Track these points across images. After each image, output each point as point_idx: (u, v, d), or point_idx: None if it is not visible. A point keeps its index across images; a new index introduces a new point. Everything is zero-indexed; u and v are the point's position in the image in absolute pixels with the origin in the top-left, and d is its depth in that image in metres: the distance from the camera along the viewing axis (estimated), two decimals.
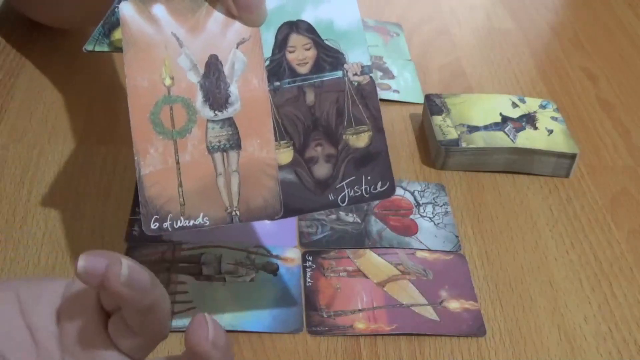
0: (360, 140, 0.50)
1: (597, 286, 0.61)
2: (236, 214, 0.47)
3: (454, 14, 0.98)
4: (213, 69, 0.48)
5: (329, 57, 0.50)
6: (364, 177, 0.49)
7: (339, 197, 0.49)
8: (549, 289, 0.60)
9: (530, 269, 0.61)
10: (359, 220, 0.64)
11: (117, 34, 0.48)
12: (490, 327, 0.56)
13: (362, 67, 0.50)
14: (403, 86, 0.81)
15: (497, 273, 0.61)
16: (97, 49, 0.49)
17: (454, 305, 0.57)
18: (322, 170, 0.49)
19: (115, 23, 0.48)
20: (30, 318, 0.38)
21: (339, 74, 0.50)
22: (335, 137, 0.49)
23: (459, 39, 0.93)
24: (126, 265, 0.35)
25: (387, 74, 0.83)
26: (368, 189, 0.49)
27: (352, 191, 0.49)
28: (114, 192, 0.63)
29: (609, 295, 0.60)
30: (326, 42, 0.50)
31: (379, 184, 0.49)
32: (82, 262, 0.36)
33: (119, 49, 0.47)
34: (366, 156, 0.49)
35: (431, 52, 0.89)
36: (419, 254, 0.61)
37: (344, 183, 0.49)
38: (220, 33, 0.48)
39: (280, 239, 0.61)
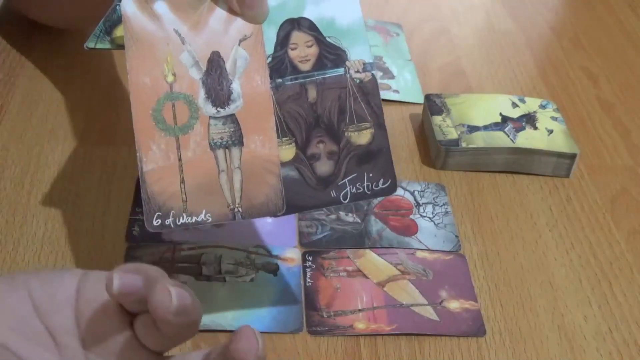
0: (362, 137, 0.50)
1: (597, 286, 0.61)
2: (239, 210, 0.47)
3: (454, 14, 0.98)
4: (215, 66, 0.48)
5: (330, 55, 0.50)
6: (365, 174, 0.49)
7: (341, 194, 0.49)
8: (549, 289, 0.60)
9: (530, 269, 0.61)
10: (358, 220, 0.63)
11: (118, 31, 0.48)
12: (490, 327, 0.56)
13: (364, 64, 0.50)
14: (403, 86, 0.81)
15: (497, 273, 0.61)
16: (99, 46, 0.49)
17: (454, 305, 0.57)
18: (324, 167, 0.49)
19: (116, 20, 0.48)
20: (48, 320, 0.37)
21: (341, 71, 0.50)
22: (337, 134, 0.49)
23: (459, 39, 0.93)
24: (175, 295, 0.33)
25: (387, 74, 0.83)
26: (370, 185, 0.49)
27: (354, 188, 0.49)
28: (114, 192, 0.63)
29: (609, 295, 0.60)
30: (328, 39, 0.50)
31: (381, 181, 0.49)
32: (117, 281, 0.34)
33: (121, 46, 0.47)
34: (368, 153, 0.49)
35: (431, 52, 0.89)
36: (419, 253, 0.61)
37: (346, 180, 0.49)
38: (222, 30, 0.48)
39: (280, 239, 0.61)
